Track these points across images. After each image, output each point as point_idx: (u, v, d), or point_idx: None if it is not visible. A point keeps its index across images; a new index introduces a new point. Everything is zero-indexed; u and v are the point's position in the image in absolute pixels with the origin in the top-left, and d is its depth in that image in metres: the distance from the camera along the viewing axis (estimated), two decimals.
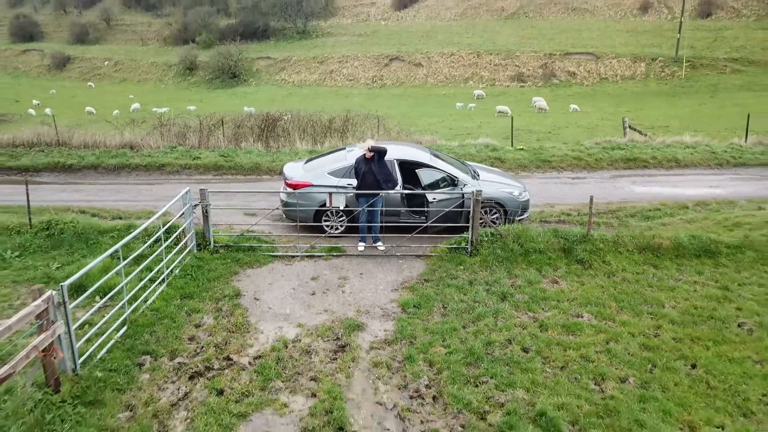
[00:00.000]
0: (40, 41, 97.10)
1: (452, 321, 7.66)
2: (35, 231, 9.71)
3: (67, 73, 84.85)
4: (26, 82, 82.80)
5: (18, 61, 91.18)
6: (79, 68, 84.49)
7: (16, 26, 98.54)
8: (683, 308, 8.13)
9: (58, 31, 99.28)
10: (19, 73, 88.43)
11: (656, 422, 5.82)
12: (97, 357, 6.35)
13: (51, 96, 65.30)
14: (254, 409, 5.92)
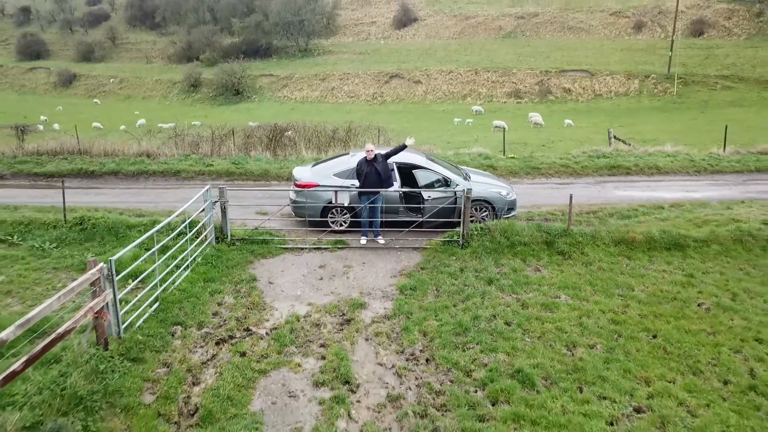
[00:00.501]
0: (47, 59, 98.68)
1: (444, 300, 8.66)
2: (69, 226, 10.76)
3: (73, 90, 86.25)
4: (33, 99, 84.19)
5: (25, 79, 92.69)
6: (84, 85, 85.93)
7: (23, 44, 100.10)
8: (650, 291, 9.13)
9: (64, 50, 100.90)
10: (25, 90, 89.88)
11: (617, 378, 6.81)
12: (136, 325, 7.34)
13: (58, 112, 66.58)
14: (272, 367, 6.91)
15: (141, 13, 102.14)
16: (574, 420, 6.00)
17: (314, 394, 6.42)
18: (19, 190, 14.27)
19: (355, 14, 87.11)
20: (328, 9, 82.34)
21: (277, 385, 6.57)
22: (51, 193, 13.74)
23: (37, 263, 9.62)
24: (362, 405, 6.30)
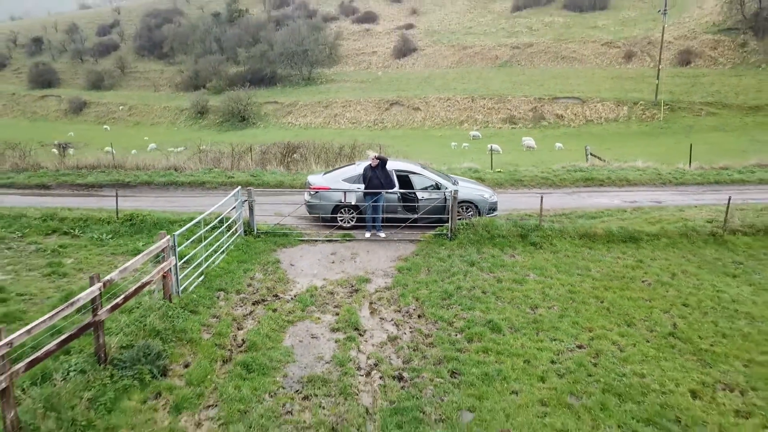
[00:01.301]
0: (58, 87, 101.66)
1: (433, 277, 10.62)
2: (121, 221, 12.77)
3: (83, 117, 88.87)
4: (44, 125, 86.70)
5: (36, 106, 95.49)
6: (95, 112, 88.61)
7: (35, 73, 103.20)
8: (604, 272, 11.08)
9: (74, 78, 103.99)
10: (37, 117, 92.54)
11: (567, 327, 8.74)
12: (189, 289, 9.29)
13: (69, 138, 69.02)
14: (298, 319, 8.85)
15: (149, 44, 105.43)
16: (529, 352, 7.94)
17: (331, 336, 8.35)
18: (65, 198, 16.28)
19: (357, 44, 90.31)
20: (330, 39, 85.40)
21: (303, 331, 8.50)
22: (93, 200, 15.78)
23: (98, 250, 11.62)
24: (368, 343, 8.24)
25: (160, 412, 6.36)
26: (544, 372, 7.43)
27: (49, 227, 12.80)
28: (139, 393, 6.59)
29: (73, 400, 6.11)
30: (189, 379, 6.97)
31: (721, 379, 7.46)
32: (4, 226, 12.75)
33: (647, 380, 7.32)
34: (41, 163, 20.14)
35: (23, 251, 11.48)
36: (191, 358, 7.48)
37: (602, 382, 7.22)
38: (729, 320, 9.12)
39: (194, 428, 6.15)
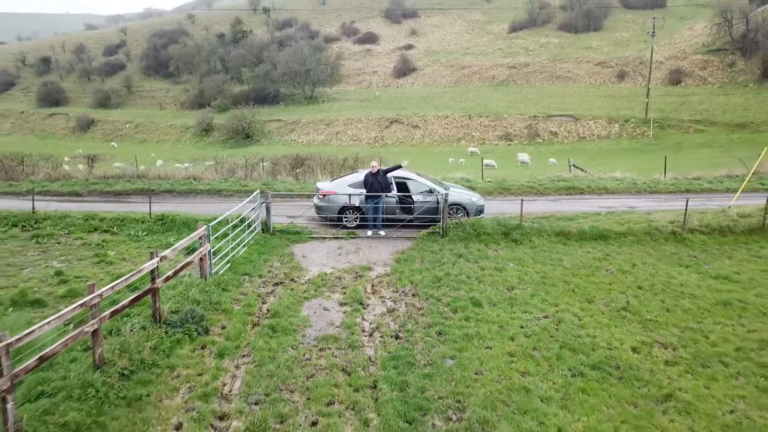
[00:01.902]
0: (65, 106, 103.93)
1: (426, 266, 12.36)
2: (154, 221, 14.55)
3: (90, 134, 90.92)
4: (53, 142, 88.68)
5: (45, 124, 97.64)
6: (102, 130, 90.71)
7: (43, 92, 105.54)
8: (574, 263, 12.81)
9: (82, 97, 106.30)
10: (45, 134, 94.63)
11: (536, 303, 10.45)
12: (219, 273, 11.03)
13: (78, 155, 70.93)
14: (312, 296, 10.57)
15: (155, 63, 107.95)
16: (503, 320, 9.65)
17: (340, 309, 10.07)
18: (96, 203, 18.02)
19: (358, 64, 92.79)
20: (332, 60, 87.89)
21: (316, 305, 10.22)
22: (123, 205, 17.55)
23: (135, 244, 13.38)
24: (370, 313, 9.95)
25: (207, 357, 8.08)
26: (514, 334, 9.14)
27: (91, 225, 14.61)
28: (188, 344, 8.31)
29: (139, 347, 7.82)
30: (227, 336, 8.69)
31: (658, 339, 9.17)
32: (52, 225, 14.55)
33: (597, 340, 9.02)
34: (71, 173, 22.00)
35: (71, 245, 13.26)
36: (227, 322, 9.20)
37: (560, 340, 8.93)
38: (675, 299, 10.83)
39: (234, 368, 7.86)
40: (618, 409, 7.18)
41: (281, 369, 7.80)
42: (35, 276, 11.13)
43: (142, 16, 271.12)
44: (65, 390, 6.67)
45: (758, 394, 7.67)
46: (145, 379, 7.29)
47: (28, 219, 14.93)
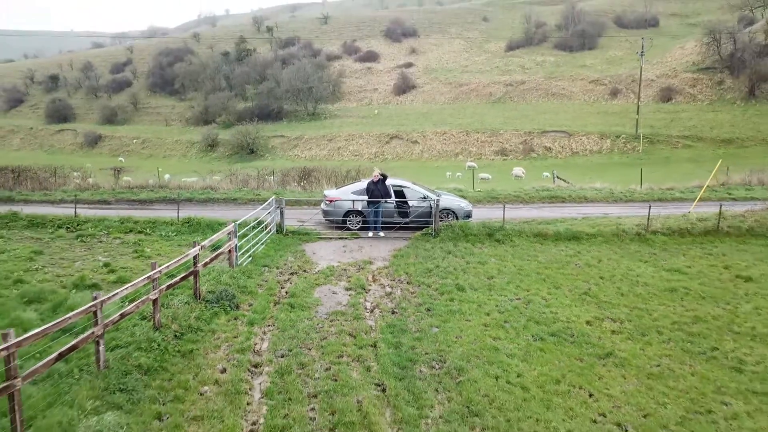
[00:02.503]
0: (73, 122, 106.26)
1: (419, 260, 14.33)
2: (181, 223, 16.56)
3: (98, 150, 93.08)
4: (61, 157, 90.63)
5: (53, 140, 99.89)
6: (109, 145, 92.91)
7: (51, 109, 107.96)
8: (548, 258, 14.78)
9: (89, 113, 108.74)
10: (54, 150, 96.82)
11: (512, 289, 12.40)
12: (243, 265, 13.00)
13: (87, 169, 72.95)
14: (322, 283, 12.53)
15: (161, 81, 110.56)
16: (481, 301, 11.59)
17: (346, 292, 12.02)
18: (124, 210, 20.00)
19: (359, 82, 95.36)
20: (334, 77, 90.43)
21: (326, 289, 12.19)
22: (148, 212, 19.57)
23: (167, 243, 15.38)
24: (371, 296, 11.90)
25: (239, 325, 10.03)
26: (490, 311, 11.09)
27: (126, 227, 16.62)
28: (224, 316, 10.27)
29: (185, 316, 9.78)
30: (254, 311, 10.65)
31: (609, 316, 11.11)
32: (93, 226, 16.55)
33: (559, 315, 10.96)
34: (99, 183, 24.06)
35: (111, 243, 15.25)
36: (253, 301, 11.17)
37: (528, 316, 10.87)
38: (629, 286, 12.79)
39: (262, 333, 9.81)
40: (567, 362, 9.11)
41: (300, 333, 9.75)
42: (86, 267, 13.11)
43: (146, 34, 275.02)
44: (134, 344, 8.63)
45: (682, 354, 9.60)
46: (193, 339, 9.24)
47: (71, 222, 16.94)
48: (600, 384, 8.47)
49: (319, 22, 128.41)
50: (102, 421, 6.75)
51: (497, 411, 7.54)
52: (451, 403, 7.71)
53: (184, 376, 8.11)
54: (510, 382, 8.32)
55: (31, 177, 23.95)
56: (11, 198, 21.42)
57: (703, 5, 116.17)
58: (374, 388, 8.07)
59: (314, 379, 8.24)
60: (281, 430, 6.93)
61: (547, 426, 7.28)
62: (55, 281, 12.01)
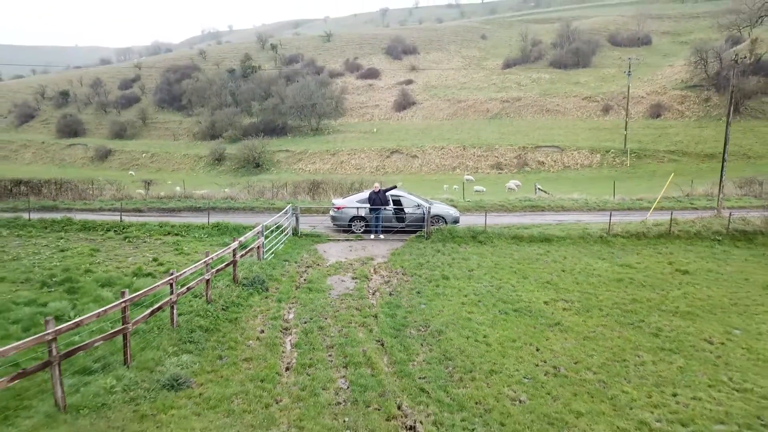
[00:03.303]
0: (83, 137, 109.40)
1: (413, 257, 17.15)
2: (211, 227, 19.42)
3: (108, 164, 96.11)
4: (73, 171, 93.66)
5: (64, 154, 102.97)
6: (119, 159, 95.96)
7: (62, 124, 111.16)
8: (522, 256, 17.59)
9: (99, 128, 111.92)
10: (65, 163, 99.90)
11: (488, 278, 15.21)
12: (267, 259, 15.84)
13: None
14: (332, 274, 15.36)
15: (169, 97, 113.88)
16: (461, 287, 14.40)
17: (352, 281, 14.83)
18: (156, 217, 22.84)
19: (361, 98, 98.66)
20: (336, 94, 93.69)
21: (336, 278, 15.00)
22: (177, 218, 22.44)
23: (200, 243, 18.21)
24: (373, 283, 14.72)
25: (270, 302, 12.84)
26: (467, 294, 13.89)
27: (165, 230, 19.50)
28: (257, 296, 13.08)
29: (228, 295, 12.59)
30: (280, 292, 13.46)
31: (563, 298, 13.90)
32: (136, 229, 19.43)
33: (522, 297, 13.76)
34: (131, 194, 26.99)
35: (154, 243, 18.10)
36: (279, 286, 13.99)
37: (497, 297, 13.67)
38: (585, 277, 15.59)
39: (288, 308, 12.62)
40: (523, 329, 11.90)
41: (318, 308, 12.56)
42: (138, 261, 15.94)
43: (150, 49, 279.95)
44: (194, 312, 11.44)
45: (615, 324, 12.38)
46: (236, 311, 12.05)
47: (117, 226, 19.82)
48: (546, 343, 11.25)
49: (322, 39, 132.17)
50: (180, 360, 9.55)
51: (465, 357, 10.32)
52: (431, 353, 10.50)
53: (233, 334, 10.92)
54: (477, 341, 11.11)
55: (72, 188, 26.89)
56: (56, 207, 24.36)
57: (695, 23, 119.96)
58: (375, 342, 10.87)
59: (330, 336, 11.05)
60: (308, 366, 9.73)
61: (501, 367, 10.05)
62: (116, 271, 14.85)
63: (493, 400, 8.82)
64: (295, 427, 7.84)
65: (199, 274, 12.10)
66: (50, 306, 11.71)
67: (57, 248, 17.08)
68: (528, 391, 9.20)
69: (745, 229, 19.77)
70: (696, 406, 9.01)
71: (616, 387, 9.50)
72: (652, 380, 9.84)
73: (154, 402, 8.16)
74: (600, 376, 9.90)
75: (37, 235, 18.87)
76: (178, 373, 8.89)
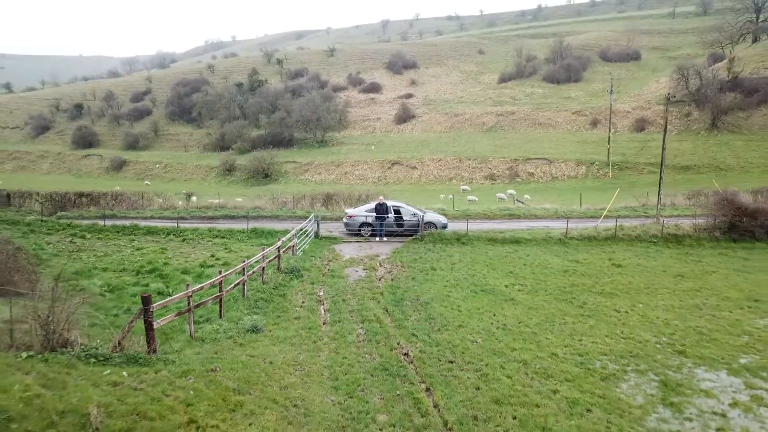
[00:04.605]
0: (98, 148, 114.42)
1: (410, 254, 22.11)
2: (249, 231, 24.37)
3: (123, 174, 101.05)
4: (90, 180, 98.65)
5: (81, 164, 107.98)
6: (134, 170, 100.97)
7: (77, 135, 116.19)
8: (495, 254, 22.54)
9: (112, 140, 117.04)
10: (81, 173, 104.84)
11: (465, 270, 20.17)
12: (298, 255, 20.80)
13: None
14: (348, 266, 20.35)
15: (179, 110, 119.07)
16: (445, 276, 19.37)
17: (363, 271, 19.78)
18: (198, 224, 27.78)
19: (363, 111, 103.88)
20: (340, 107, 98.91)
21: (352, 269, 19.97)
22: (219, 225, 27.41)
23: (243, 244, 23.17)
24: (379, 273, 19.68)
25: (305, 284, 17.80)
26: (449, 280, 18.82)
27: (213, 234, 24.48)
28: (296, 280, 18.04)
29: (275, 279, 17.55)
30: (312, 278, 18.42)
31: (519, 283, 18.83)
32: (191, 233, 24.42)
33: (489, 282, 18.68)
34: (174, 204, 32.03)
35: (207, 244, 23.07)
36: (310, 274, 18.94)
37: (470, 282, 18.60)
38: (540, 269, 20.52)
39: (319, 288, 17.56)
40: (486, 302, 16.82)
41: (340, 288, 17.51)
42: (200, 257, 20.88)
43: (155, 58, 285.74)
44: (255, 289, 16.37)
45: (553, 300, 17.29)
46: (283, 290, 16.99)
47: (175, 230, 24.82)
48: (501, 311, 16.17)
49: (326, 54, 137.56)
50: (253, 317, 14.44)
51: (443, 318, 15.25)
52: (420, 315, 15.43)
53: (284, 304, 15.86)
54: (452, 309, 16.04)
55: (125, 199, 31.93)
56: (114, 215, 29.39)
57: (683, 39, 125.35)
58: (382, 309, 15.81)
59: (350, 305, 16.00)
60: (338, 322, 14.64)
61: (466, 324, 14.94)
62: (187, 264, 19.81)
63: (458, 341, 13.74)
64: (333, 352, 12.75)
65: (258, 263, 17.04)
66: (152, 286, 16.66)
67: (134, 247, 22.09)
68: (483, 337, 14.13)
69: (676, 234, 24.71)
70: (592, 346, 13.92)
71: (542, 335, 14.42)
72: (567, 332, 14.75)
73: (243, 338, 13.08)
74: (533, 329, 14.82)
75: (113, 237, 23.87)
76: (255, 323, 13.81)
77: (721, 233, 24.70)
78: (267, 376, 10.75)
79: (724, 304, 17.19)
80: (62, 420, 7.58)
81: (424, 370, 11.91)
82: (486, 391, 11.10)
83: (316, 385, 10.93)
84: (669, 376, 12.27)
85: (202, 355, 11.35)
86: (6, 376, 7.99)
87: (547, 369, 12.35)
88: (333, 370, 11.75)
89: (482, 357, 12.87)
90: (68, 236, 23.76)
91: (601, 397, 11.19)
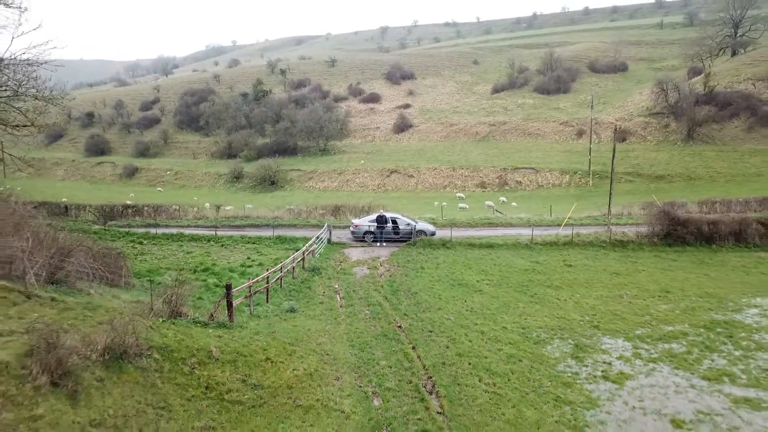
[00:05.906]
0: (110, 155, 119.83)
1: (404, 256, 27.72)
2: (274, 239, 29.94)
3: (135, 181, 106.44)
4: (104, 187, 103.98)
5: (94, 171, 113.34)
6: (146, 177, 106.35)
7: (90, 143, 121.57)
8: (473, 257, 28.14)
9: (123, 147, 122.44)
10: (95, 180, 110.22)
11: (447, 268, 25.81)
12: (316, 257, 26.42)
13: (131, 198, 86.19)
14: (355, 266, 25.98)
15: (188, 118, 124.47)
16: (431, 273, 25.01)
17: (367, 270, 25.40)
18: (227, 232, 33.28)
19: (363, 121, 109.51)
20: (341, 117, 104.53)
21: (358, 269, 25.59)
22: (248, 232, 33.04)
23: (270, 248, 28.74)
24: (379, 271, 25.29)
25: (324, 279, 23.42)
26: (433, 276, 24.42)
27: (245, 240, 30.04)
28: (317, 276, 23.66)
29: (301, 275, 23.17)
30: (328, 275, 24.04)
31: (487, 278, 24.44)
32: (227, 239, 29.97)
33: (464, 278, 24.26)
34: (206, 215, 37.63)
35: (241, 249, 28.60)
36: (326, 272, 24.55)
37: (450, 278, 24.20)
38: (506, 268, 26.12)
39: (335, 282, 23.18)
40: (459, 293, 22.42)
41: (351, 282, 23.11)
42: (239, 259, 26.42)
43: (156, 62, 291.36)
44: (288, 282, 21.97)
45: (512, 291, 22.90)
46: (308, 283, 22.59)
47: (213, 237, 30.37)
48: (470, 299, 21.76)
49: (327, 65, 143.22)
50: (290, 303, 20.06)
51: (427, 303, 20.84)
52: (411, 301, 21.02)
53: (310, 293, 21.46)
54: (435, 297, 21.64)
55: (164, 210, 37.48)
56: (157, 224, 34.94)
57: (669, 50, 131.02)
58: (382, 297, 21.41)
59: (359, 295, 21.60)
60: (351, 305, 20.24)
61: (444, 307, 20.51)
62: (231, 264, 25.35)
63: (437, 319, 19.32)
64: (349, 325, 18.32)
65: (290, 264, 22.64)
66: (209, 281, 22.20)
67: (184, 252, 27.67)
68: (455, 316, 19.72)
69: (621, 240, 30.31)
70: (533, 323, 19.50)
71: (498, 316, 20.01)
72: (518, 313, 20.35)
73: (285, 315, 18.63)
74: (493, 312, 20.42)
75: (165, 243, 29.45)
76: (292, 306, 19.39)
77: (658, 239, 30.31)
78: (307, 337, 16.38)
79: (641, 294, 22.75)
80: (198, 352, 13.05)
81: (412, 336, 17.51)
82: (452, 348, 16.69)
83: (339, 344, 16.54)
84: (582, 341, 17.83)
85: (260, 325, 16.94)
86: (161, 329, 13.51)
87: (497, 336, 17.92)
88: (350, 335, 17.36)
89: (453, 329, 18.43)
90: (129, 242, 29.33)
91: (531, 353, 16.77)
